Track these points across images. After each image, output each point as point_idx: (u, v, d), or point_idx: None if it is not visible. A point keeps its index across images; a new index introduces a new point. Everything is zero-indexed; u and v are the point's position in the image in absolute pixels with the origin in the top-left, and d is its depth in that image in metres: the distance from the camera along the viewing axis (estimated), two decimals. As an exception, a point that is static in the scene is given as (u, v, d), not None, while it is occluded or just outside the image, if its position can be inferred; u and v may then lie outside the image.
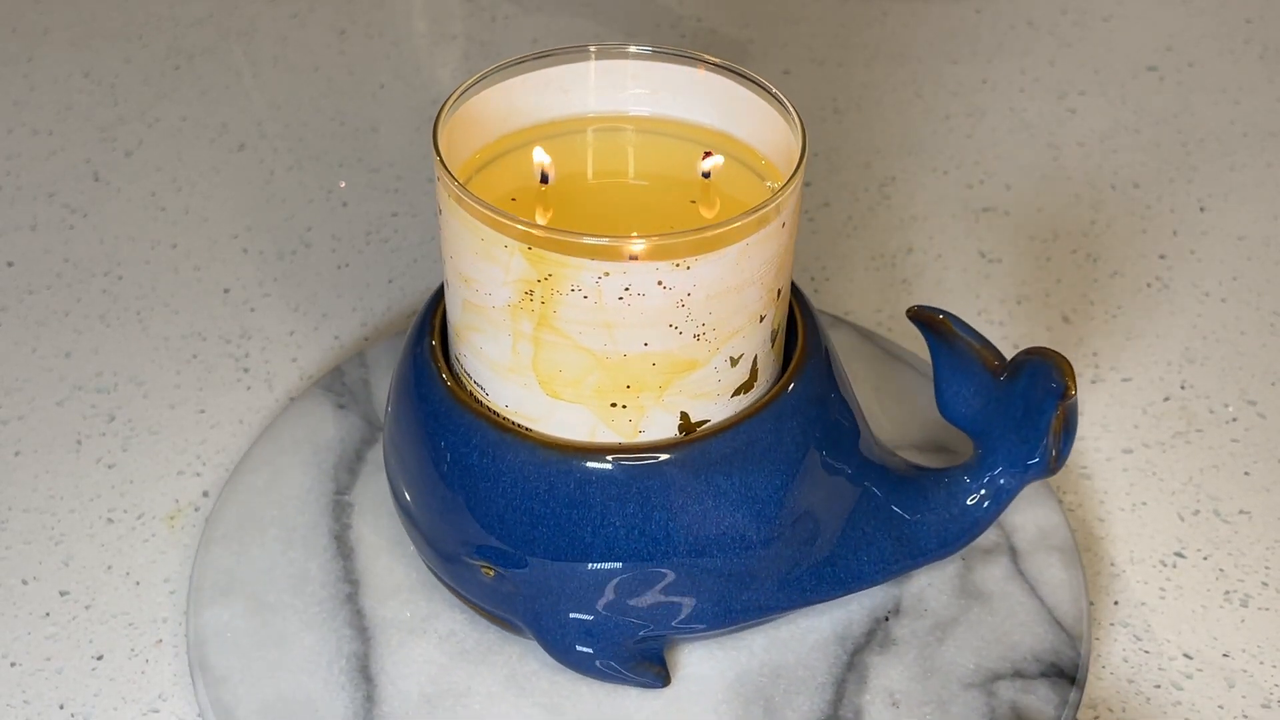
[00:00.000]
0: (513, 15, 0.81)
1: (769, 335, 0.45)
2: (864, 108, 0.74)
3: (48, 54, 0.77)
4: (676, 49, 0.47)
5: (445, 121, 0.44)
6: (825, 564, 0.47)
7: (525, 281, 0.41)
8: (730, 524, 0.44)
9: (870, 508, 0.48)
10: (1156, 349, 0.62)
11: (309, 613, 0.49)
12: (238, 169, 0.70)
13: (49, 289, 0.63)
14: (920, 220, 0.68)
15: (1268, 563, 0.53)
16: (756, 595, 0.46)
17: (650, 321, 0.42)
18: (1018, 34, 0.80)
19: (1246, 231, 0.68)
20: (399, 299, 0.63)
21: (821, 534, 0.47)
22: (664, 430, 0.44)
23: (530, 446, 0.44)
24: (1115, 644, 0.50)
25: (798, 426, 0.45)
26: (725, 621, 0.46)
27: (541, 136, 0.47)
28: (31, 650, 0.50)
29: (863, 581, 0.48)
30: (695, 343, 0.42)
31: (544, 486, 0.44)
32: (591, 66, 0.47)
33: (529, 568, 0.45)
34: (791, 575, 0.46)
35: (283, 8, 0.81)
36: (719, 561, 0.45)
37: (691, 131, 0.48)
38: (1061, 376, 0.45)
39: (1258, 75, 0.78)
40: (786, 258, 0.44)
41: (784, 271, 0.44)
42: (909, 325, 0.62)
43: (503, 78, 0.46)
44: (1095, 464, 0.56)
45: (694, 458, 0.44)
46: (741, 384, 0.45)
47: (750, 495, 0.45)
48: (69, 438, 0.57)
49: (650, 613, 0.45)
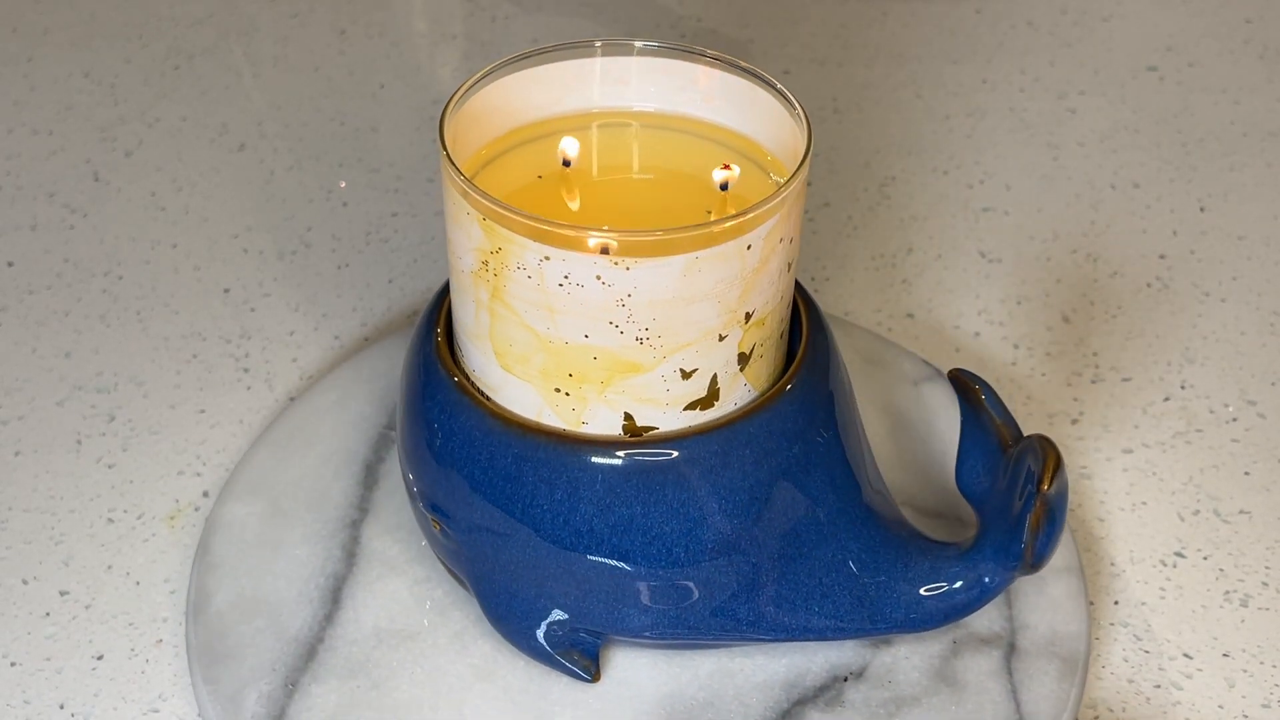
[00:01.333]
0: (513, 15, 0.81)
1: (734, 356, 0.44)
2: (864, 108, 0.74)
3: (48, 54, 0.77)
4: (682, 44, 0.47)
5: (451, 115, 0.44)
6: (768, 603, 0.45)
7: (482, 251, 0.42)
8: (656, 535, 0.44)
9: (835, 560, 0.45)
10: (1156, 349, 0.62)
11: (312, 528, 0.51)
12: (238, 169, 0.70)
13: (49, 289, 0.63)
14: (920, 220, 0.68)
15: (1268, 563, 0.53)
16: (683, 615, 0.45)
17: (590, 314, 0.42)
18: (1018, 34, 0.80)
19: (1246, 231, 0.68)
20: (399, 299, 0.63)
21: (764, 572, 0.45)
22: (607, 427, 0.44)
23: (481, 414, 0.44)
24: (1115, 644, 0.50)
25: (753, 457, 0.44)
26: (646, 632, 0.46)
27: (547, 132, 0.47)
28: (31, 650, 0.50)
29: (809, 633, 0.46)
30: (638, 346, 0.42)
31: (485, 455, 0.44)
32: (597, 63, 0.47)
33: (467, 531, 0.46)
34: (723, 605, 0.45)
35: (283, 8, 0.81)
36: (641, 570, 0.44)
37: (697, 127, 0.48)
38: (1040, 465, 0.42)
39: (1258, 75, 0.78)
40: (758, 281, 0.42)
41: (753, 295, 0.43)
42: (909, 326, 0.62)
43: (509, 72, 0.46)
44: (1095, 464, 0.56)
45: (631, 462, 0.43)
46: (697, 399, 0.44)
47: (680, 513, 0.44)
48: (69, 438, 0.57)
49: (572, 603, 0.45)
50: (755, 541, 0.45)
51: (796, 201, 0.43)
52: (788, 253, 0.44)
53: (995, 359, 0.61)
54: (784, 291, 0.45)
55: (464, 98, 0.45)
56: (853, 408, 0.48)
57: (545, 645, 0.46)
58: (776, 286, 0.44)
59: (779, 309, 0.45)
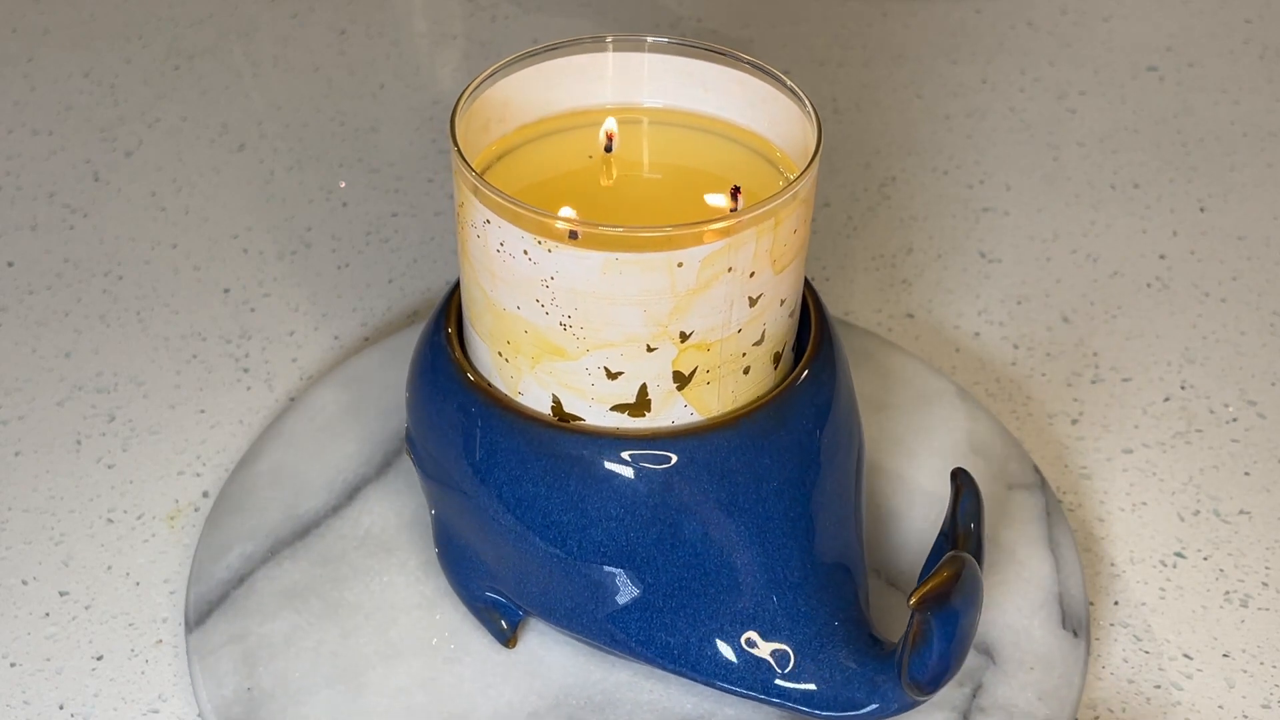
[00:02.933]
0: (513, 15, 0.81)
1: (669, 373, 0.43)
2: (864, 108, 0.74)
3: (48, 54, 0.77)
4: (693, 41, 0.47)
5: (463, 110, 0.44)
6: (660, 629, 0.44)
7: (457, 200, 0.43)
8: (555, 521, 0.44)
9: (737, 613, 0.44)
10: (1156, 349, 0.62)
11: (368, 429, 0.55)
12: (238, 169, 0.70)
13: (49, 289, 0.63)
14: (920, 220, 0.68)
15: (1268, 563, 0.53)
16: (575, 610, 0.45)
17: (519, 287, 0.42)
18: (1018, 34, 0.80)
19: (1246, 231, 0.68)
20: (399, 299, 0.63)
21: (659, 596, 0.44)
22: (537, 403, 0.44)
23: (448, 364, 0.46)
24: (1115, 644, 0.50)
25: (668, 479, 0.43)
26: (539, 612, 0.46)
27: (558, 128, 0.48)
28: (31, 650, 0.50)
29: (697, 674, 0.44)
30: (561, 331, 0.42)
31: (440, 399, 0.46)
32: (609, 58, 0.47)
33: (421, 463, 0.48)
34: (613, 615, 0.44)
35: (283, 8, 0.81)
36: (537, 549, 0.44)
37: (707, 123, 0.48)
38: (937, 580, 0.39)
39: (1258, 75, 0.78)
40: (695, 302, 0.41)
41: (691, 317, 0.42)
42: (909, 326, 0.62)
43: (519, 68, 0.46)
44: (1095, 464, 0.56)
45: (546, 442, 0.44)
46: (625, 404, 0.43)
47: (579, 507, 0.44)
48: (69, 438, 0.57)
49: (490, 561, 0.46)
50: (650, 562, 0.44)
51: (762, 237, 0.42)
52: (748, 287, 0.42)
53: (995, 359, 0.61)
54: (750, 325, 0.43)
55: (471, 96, 0.45)
56: (839, 467, 0.46)
57: (471, 595, 0.48)
58: (727, 315, 0.42)
59: (738, 342, 0.43)
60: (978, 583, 0.41)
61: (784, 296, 0.44)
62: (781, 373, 0.46)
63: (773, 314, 0.44)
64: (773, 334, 0.44)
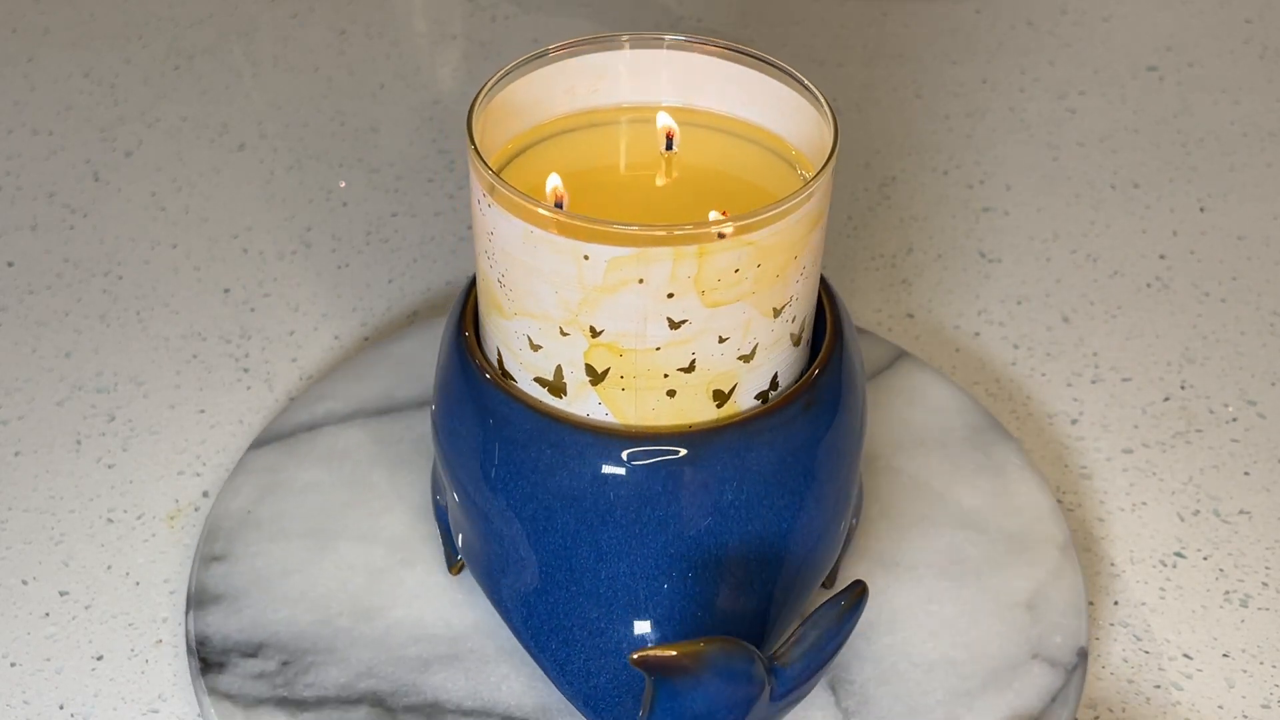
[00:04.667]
0: (513, 15, 0.81)
1: (580, 364, 0.43)
2: (864, 108, 0.74)
3: (48, 54, 0.77)
4: (709, 39, 0.47)
5: (481, 108, 0.44)
6: (512, 598, 0.46)
7: None
8: (460, 466, 0.46)
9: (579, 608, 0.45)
10: (1156, 349, 0.62)
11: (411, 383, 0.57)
12: (238, 169, 0.70)
13: (49, 289, 0.63)
14: (920, 220, 0.68)
15: (1268, 563, 0.53)
16: (470, 551, 0.47)
17: (480, 236, 0.43)
18: (1018, 34, 0.80)
19: (1246, 231, 0.68)
20: (399, 299, 0.63)
21: (515, 563, 0.45)
22: (490, 354, 0.46)
23: (459, 308, 0.48)
24: (1115, 644, 0.50)
25: (545, 465, 0.44)
26: (476, 572, 0.47)
27: (575, 126, 0.47)
28: (31, 650, 0.50)
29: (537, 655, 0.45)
30: (498, 287, 0.43)
31: (446, 353, 0.48)
32: (625, 56, 0.47)
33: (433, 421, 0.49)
34: (486, 569, 0.46)
35: (283, 8, 0.81)
36: (460, 497, 0.46)
37: (723, 122, 0.48)
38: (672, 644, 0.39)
39: (1258, 75, 0.78)
40: (604, 302, 0.41)
41: (600, 314, 0.42)
42: (909, 326, 0.62)
43: (535, 67, 0.46)
44: (1095, 464, 0.56)
45: (475, 390, 0.45)
46: (545, 380, 0.44)
47: (469, 462, 0.45)
48: (69, 438, 0.57)
49: (439, 479, 0.49)
50: (508, 534, 0.45)
51: (681, 260, 0.41)
52: (666, 307, 0.41)
53: (995, 359, 0.61)
54: (673, 348, 0.42)
55: (489, 94, 0.45)
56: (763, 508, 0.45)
57: (436, 513, 0.51)
58: (641, 327, 0.42)
59: (656, 359, 0.42)
60: (726, 673, 0.39)
61: (725, 334, 0.42)
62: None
63: (708, 348, 0.42)
64: (714, 370, 0.43)
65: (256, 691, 0.46)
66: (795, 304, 0.44)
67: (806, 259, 0.44)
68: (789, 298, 0.43)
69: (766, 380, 0.44)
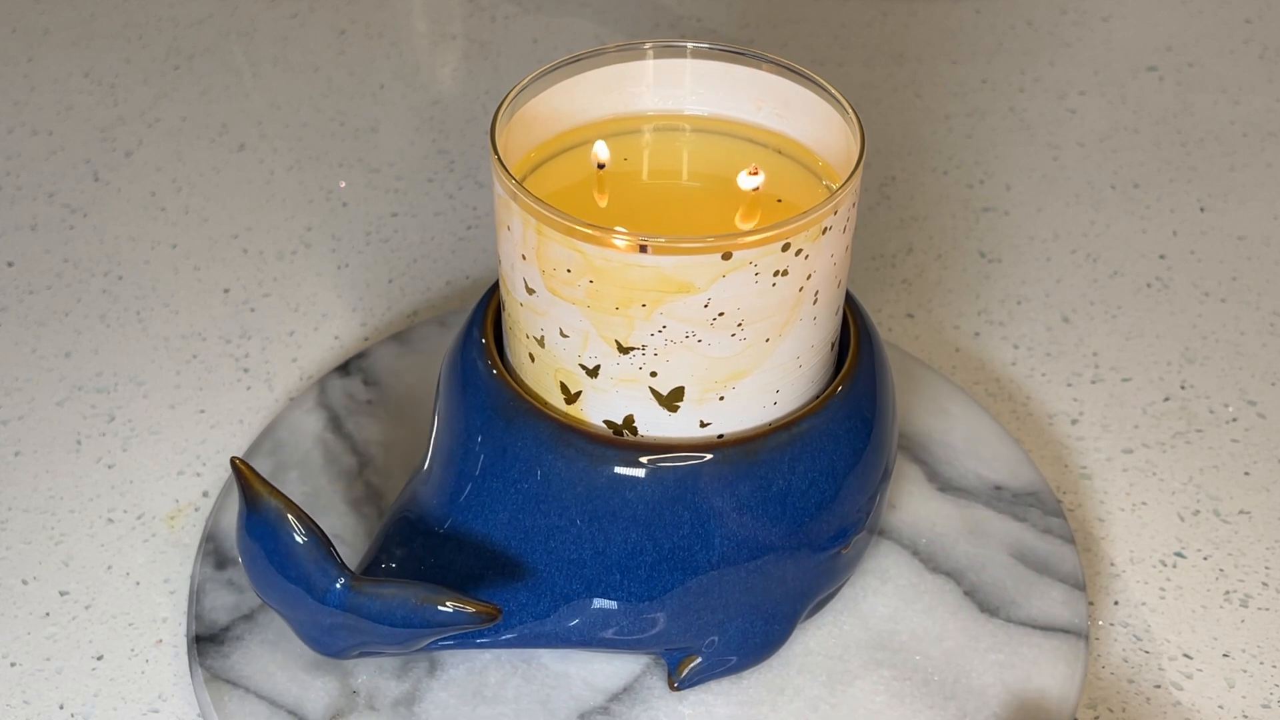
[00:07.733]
0: (513, 15, 0.81)
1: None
2: (864, 108, 0.74)
3: (48, 54, 0.77)
4: (734, 46, 0.47)
5: (504, 119, 0.44)
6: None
7: None
8: (464, 435, 0.46)
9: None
10: (1156, 349, 0.62)
11: None
12: (238, 169, 0.70)
13: (49, 289, 0.63)
14: (920, 220, 0.68)
15: (1268, 563, 0.53)
16: None
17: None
18: (1018, 34, 0.80)
19: (1246, 231, 0.68)
20: (399, 299, 0.63)
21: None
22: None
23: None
24: (1115, 644, 0.50)
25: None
26: None
27: (599, 135, 0.47)
28: (31, 650, 0.50)
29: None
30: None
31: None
32: (649, 65, 0.47)
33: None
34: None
35: (283, 8, 0.81)
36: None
37: (748, 131, 0.48)
38: None
39: (1258, 75, 0.78)
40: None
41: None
42: (909, 326, 0.62)
43: (560, 77, 0.46)
44: (1095, 464, 0.56)
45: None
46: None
47: (454, 439, 0.46)
48: (69, 438, 0.57)
49: None
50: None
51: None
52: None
53: (995, 359, 0.61)
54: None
55: (512, 104, 0.45)
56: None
57: None
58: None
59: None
60: (281, 534, 0.42)
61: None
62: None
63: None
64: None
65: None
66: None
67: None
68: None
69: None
